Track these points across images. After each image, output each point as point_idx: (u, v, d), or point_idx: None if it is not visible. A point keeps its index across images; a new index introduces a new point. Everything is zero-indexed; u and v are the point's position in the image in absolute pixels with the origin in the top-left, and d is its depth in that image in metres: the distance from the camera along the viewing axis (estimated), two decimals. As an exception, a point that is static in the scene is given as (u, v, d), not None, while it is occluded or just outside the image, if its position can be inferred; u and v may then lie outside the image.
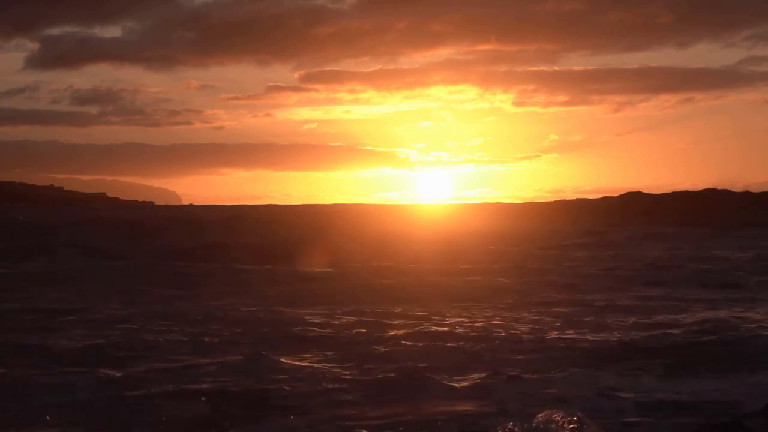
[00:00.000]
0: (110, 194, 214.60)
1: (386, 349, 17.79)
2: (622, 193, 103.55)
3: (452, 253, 43.93)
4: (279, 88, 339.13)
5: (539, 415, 10.21)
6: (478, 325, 21.06)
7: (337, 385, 14.27)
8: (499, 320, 21.75)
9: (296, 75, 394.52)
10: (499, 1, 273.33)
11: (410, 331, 20.06)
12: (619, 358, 16.90)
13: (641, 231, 71.21)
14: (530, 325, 20.96)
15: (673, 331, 19.75)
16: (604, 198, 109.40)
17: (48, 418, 12.16)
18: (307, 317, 22.09)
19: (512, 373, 15.04)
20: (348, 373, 15.40)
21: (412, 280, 31.44)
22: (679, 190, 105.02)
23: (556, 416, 10.02)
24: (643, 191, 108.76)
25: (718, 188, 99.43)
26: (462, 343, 18.52)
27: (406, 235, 57.65)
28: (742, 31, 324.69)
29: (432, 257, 41.59)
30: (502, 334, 19.55)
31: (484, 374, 15.01)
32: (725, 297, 27.70)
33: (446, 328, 20.33)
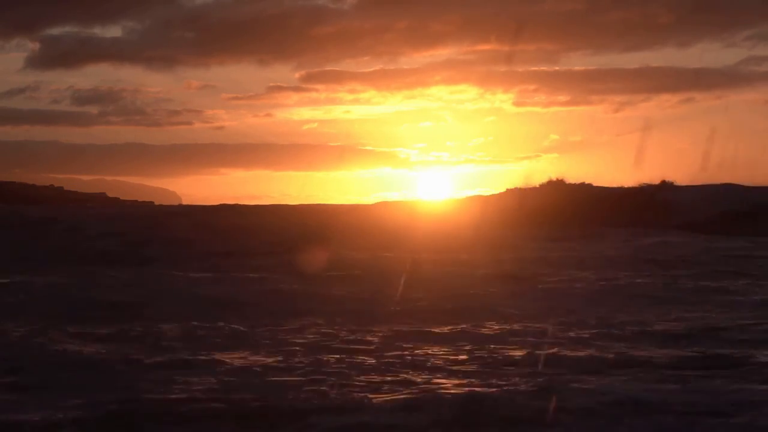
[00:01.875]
0: (110, 194, 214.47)
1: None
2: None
3: None
4: (279, 88, 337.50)
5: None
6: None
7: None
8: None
9: (297, 75, 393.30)
10: (499, 1, 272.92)
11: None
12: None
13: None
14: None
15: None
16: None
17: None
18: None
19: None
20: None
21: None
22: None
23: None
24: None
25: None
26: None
27: None
28: (743, 31, 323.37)
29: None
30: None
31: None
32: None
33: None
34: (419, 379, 11.21)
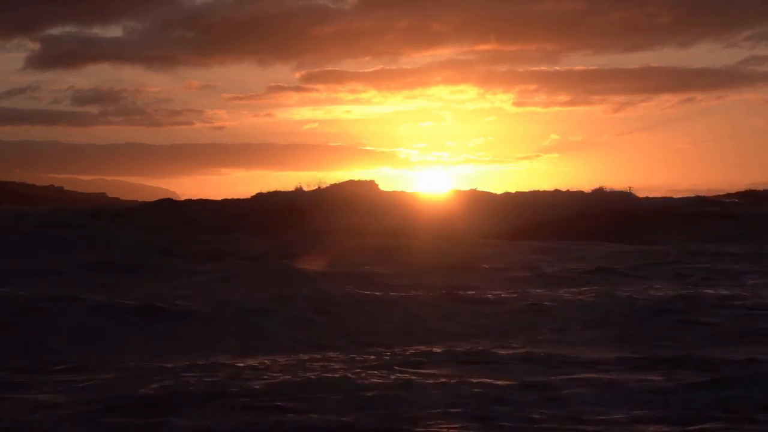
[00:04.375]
0: (110, 194, 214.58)
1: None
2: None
3: None
4: (280, 88, 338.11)
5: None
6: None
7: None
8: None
9: (297, 75, 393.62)
10: (499, 1, 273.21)
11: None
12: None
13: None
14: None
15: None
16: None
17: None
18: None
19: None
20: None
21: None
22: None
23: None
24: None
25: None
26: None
27: None
28: (744, 31, 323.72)
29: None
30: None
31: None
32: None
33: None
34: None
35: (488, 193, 61.33)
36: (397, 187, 65.11)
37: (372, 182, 61.44)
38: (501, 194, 60.87)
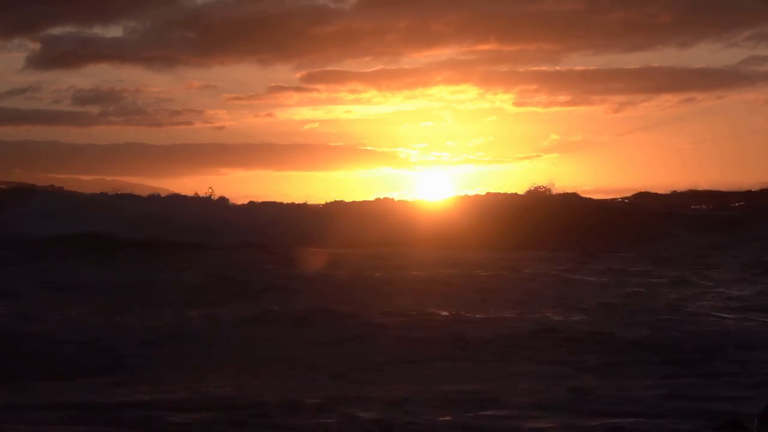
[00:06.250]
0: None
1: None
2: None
3: None
4: (281, 88, 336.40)
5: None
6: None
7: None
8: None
9: (298, 75, 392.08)
10: (499, 1, 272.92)
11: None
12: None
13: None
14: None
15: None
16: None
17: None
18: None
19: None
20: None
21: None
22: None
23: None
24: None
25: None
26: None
27: None
28: (744, 31, 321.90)
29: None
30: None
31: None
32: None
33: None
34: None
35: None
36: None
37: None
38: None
